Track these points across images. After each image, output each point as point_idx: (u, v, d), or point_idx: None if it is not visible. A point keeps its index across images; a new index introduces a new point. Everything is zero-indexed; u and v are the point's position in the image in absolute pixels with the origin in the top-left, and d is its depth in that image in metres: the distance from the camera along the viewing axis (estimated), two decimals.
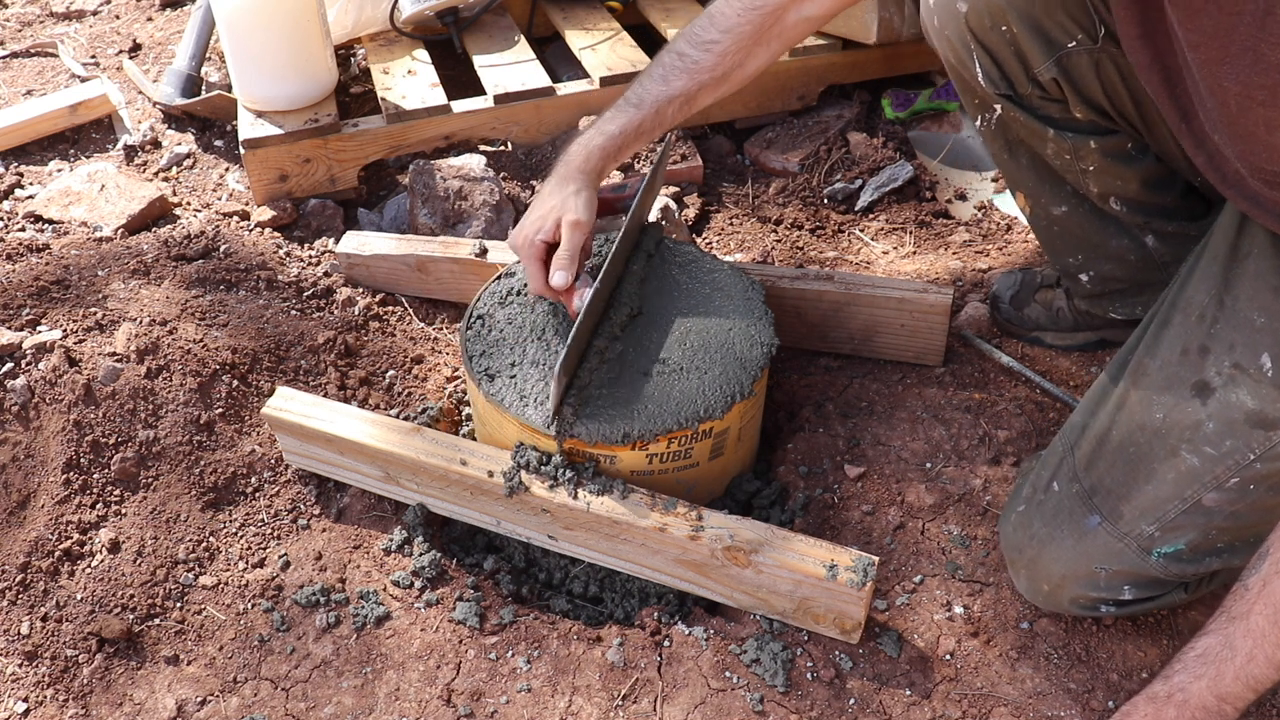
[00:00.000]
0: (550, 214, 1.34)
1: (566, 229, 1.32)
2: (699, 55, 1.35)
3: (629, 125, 1.38)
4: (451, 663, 1.29)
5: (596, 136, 1.39)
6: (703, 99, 1.39)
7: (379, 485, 1.45)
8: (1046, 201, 1.50)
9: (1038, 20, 1.27)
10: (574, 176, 1.37)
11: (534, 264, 1.33)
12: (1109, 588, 1.18)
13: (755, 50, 1.34)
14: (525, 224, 1.36)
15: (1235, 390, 1.07)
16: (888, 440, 1.53)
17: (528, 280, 1.36)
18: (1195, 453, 1.09)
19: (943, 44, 1.39)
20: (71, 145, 2.33)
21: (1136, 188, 1.42)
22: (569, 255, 1.31)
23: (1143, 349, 1.18)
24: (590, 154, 1.38)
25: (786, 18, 1.32)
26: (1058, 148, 1.40)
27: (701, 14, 1.36)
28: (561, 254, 1.32)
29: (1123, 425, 1.16)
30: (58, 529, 1.38)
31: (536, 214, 1.35)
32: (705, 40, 1.34)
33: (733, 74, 1.36)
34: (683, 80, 1.36)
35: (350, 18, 2.30)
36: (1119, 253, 1.51)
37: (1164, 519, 1.12)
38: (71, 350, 1.50)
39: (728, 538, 1.23)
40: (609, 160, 1.40)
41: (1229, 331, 1.09)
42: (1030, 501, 1.24)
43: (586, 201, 1.35)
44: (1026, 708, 1.21)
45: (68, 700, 1.26)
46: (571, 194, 1.34)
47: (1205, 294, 1.13)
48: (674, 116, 1.39)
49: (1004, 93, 1.36)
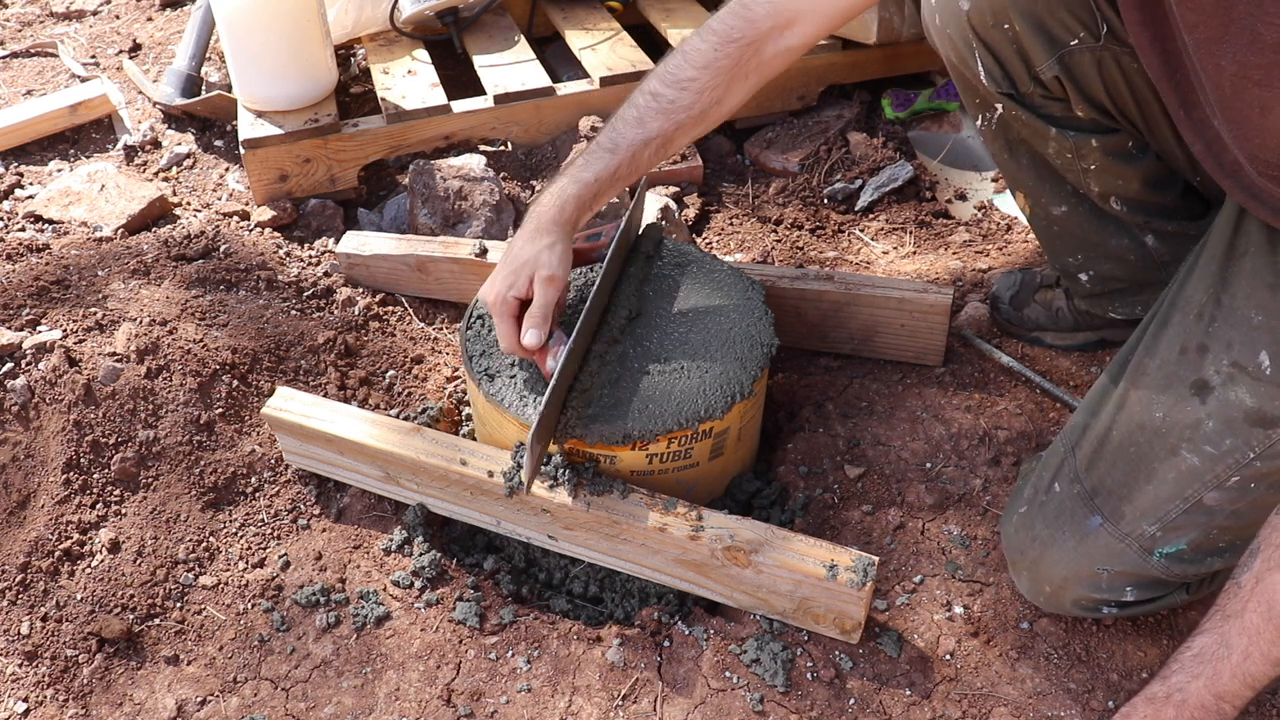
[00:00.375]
0: (523, 269, 1.28)
1: (540, 285, 1.26)
2: (675, 94, 1.29)
3: (604, 172, 1.32)
4: (451, 663, 1.29)
5: (570, 185, 1.33)
6: (680, 140, 1.33)
7: (379, 485, 1.45)
8: (1047, 201, 1.50)
9: (1040, 18, 1.27)
10: (548, 229, 1.30)
11: (506, 321, 1.28)
12: (1111, 589, 1.18)
13: (733, 86, 1.29)
14: (496, 279, 1.30)
15: (1234, 388, 1.07)
16: (888, 440, 1.53)
17: (499, 338, 1.30)
18: (1195, 452, 1.09)
19: (944, 43, 1.39)
20: (71, 145, 2.33)
21: (1137, 187, 1.42)
22: (542, 313, 1.26)
23: (1142, 349, 1.18)
24: (565, 204, 1.32)
25: (765, 50, 1.28)
26: (1059, 146, 1.40)
27: (672, 52, 1.31)
28: (534, 311, 1.26)
29: (1123, 425, 1.16)
30: (58, 529, 1.38)
31: (509, 269, 1.29)
32: (682, 79, 1.29)
33: (710, 111, 1.31)
34: (659, 121, 1.30)
35: (350, 18, 2.31)
36: (1119, 252, 1.51)
37: (1165, 519, 1.12)
38: (71, 350, 1.50)
39: (728, 538, 1.23)
40: (584, 210, 1.34)
41: (1227, 330, 1.09)
42: (1032, 503, 1.24)
43: (561, 255, 1.29)
44: (1026, 708, 1.21)
45: (68, 700, 1.26)
46: (545, 248, 1.28)
47: (1203, 293, 1.13)
48: (650, 160, 1.34)
49: (1006, 91, 1.36)
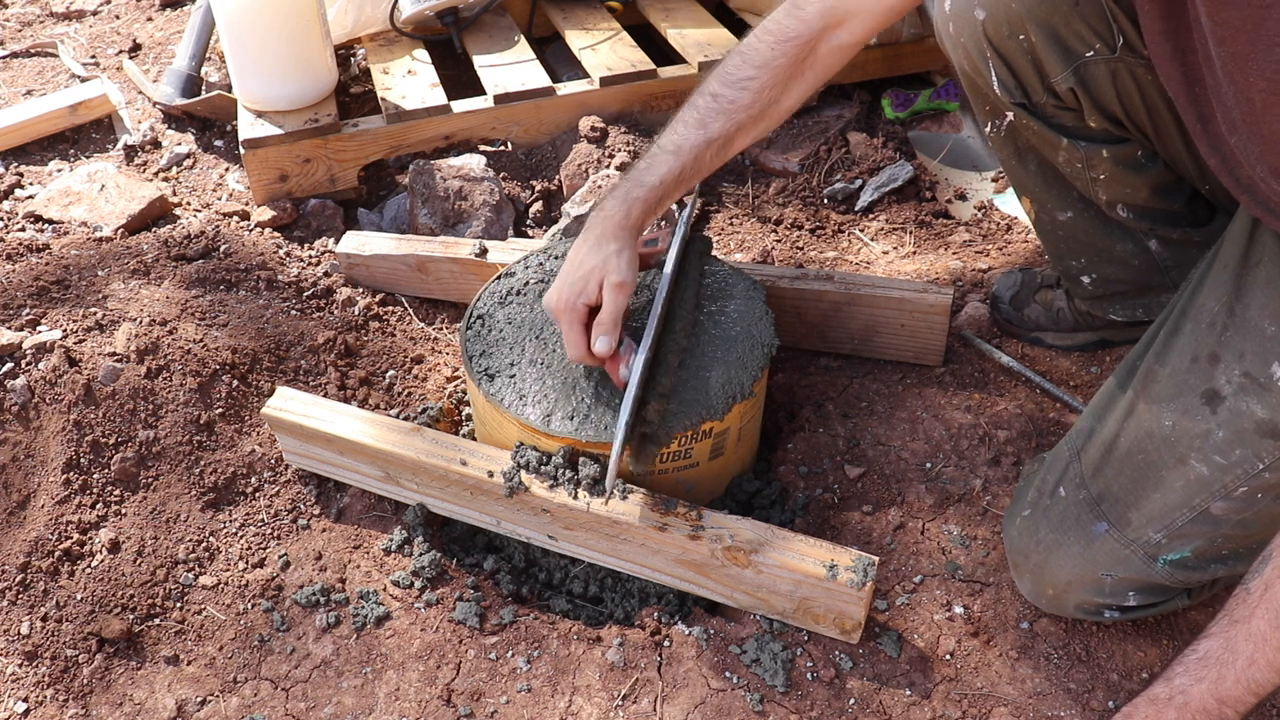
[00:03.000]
0: (592, 275, 1.26)
1: (610, 292, 1.25)
2: (735, 94, 1.30)
3: (669, 175, 1.32)
4: (451, 663, 1.29)
5: (635, 189, 1.32)
6: (740, 140, 1.34)
7: (379, 485, 1.45)
8: (1053, 207, 1.50)
9: (1056, 29, 1.26)
10: (615, 234, 1.29)
11: (576, 329, 1.27)
12: (1114, 594, 1.18)
13: (791, 85, 1.30)
14: (564, 286, 1.29)
15: (1245, 399, 1.07)
16: (888, 440, 1.53)
17: (567, 346, 1.29)
18: (1204, 461, 1.09)
19: (958, 52, 1.38)
20: (71, 145, 2.33)
21: (1146, 195, 1.41)
22: (612, 320, 1.25)
23: (1152, 356, 1.17)
24: (630, 208, 1.31)
25: (819, 48, 1.28)
26: (1070, 156, 1.39)
27: (730, 54, 1.33)
28: (604, 319, 1.25)
29: (1131, 432, 1.16)
30: (58, 529, 1.38)
31: (576, 274, 1.28)
32: (740, 78, 1.30)
33: (769, 111, 1.32)
34: (720, 122, 1.31)
35: (350, 18, 2.31)
36: (1123, 257, 1.51)
37: (1171, 527, 1.12)
38: (71, 350, 1.50)
39: (728, 538, 1.23)
40: (649, 213, 1.33)
41: (1239, 340, 1.09)
42: (1036, 506, 1.24)
43: (629, 262, 1.28)
44: (1026, 708, 1.21)
45: (68, 700, 1.26)
46: (613, 254, 1.27)
47: (1216, 302, 1.12)
48: (712, 161, 1.34)
49: (1019, 101, 1.36)
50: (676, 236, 1.45)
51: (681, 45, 2.27)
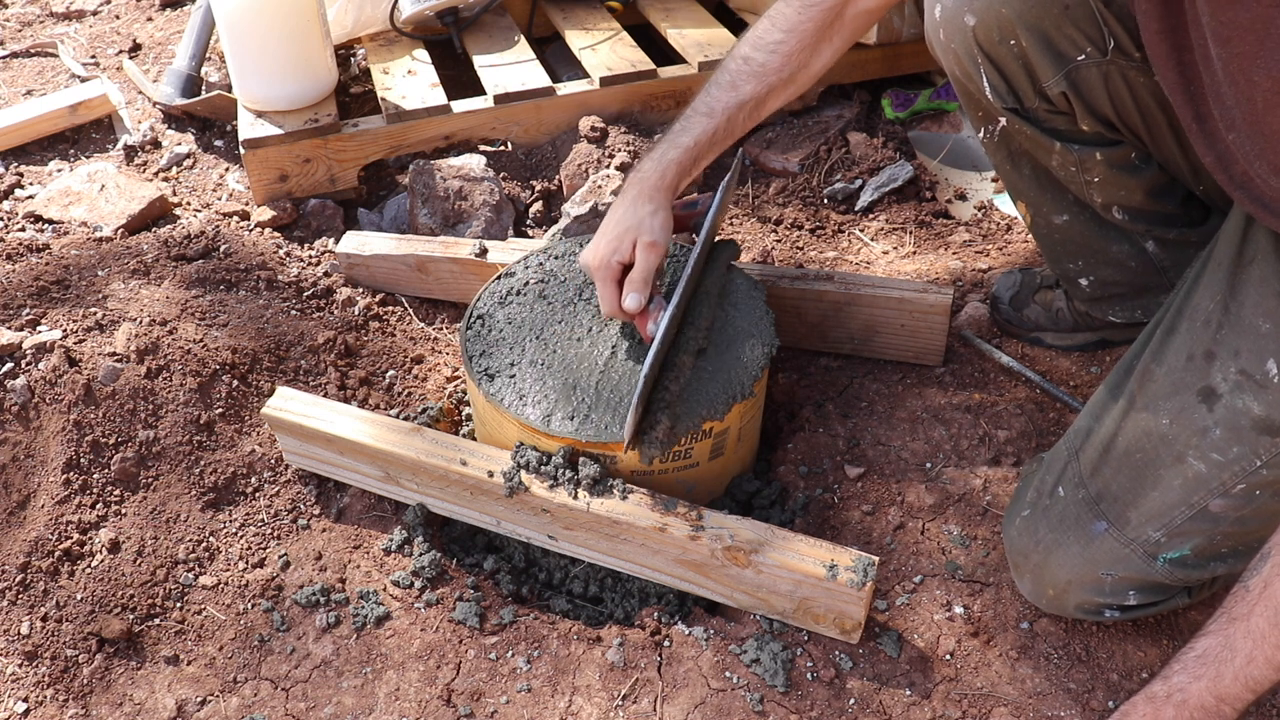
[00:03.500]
0: (626, 235, 1.31)
1: (642, 251, 1.30)
2: (765, 58, 1.34)
3: (702, 136, 1.36)
4: (451, 663, 1.29)
5: (670, 150, 1.36)
6: (772, 103, 1.38)
7: (379, 485, 1.45)
8: (1048, 210, 1.50)
9: (1047, 34, 1.26)
10: (650, 195, 1.34)
11: (609, 285, 1.32)
12: (1114, 593, 1.18)
13: (819, 48, 1.35)
14: (599, 244, 1.33)
15: (1242, 396, 1.07)
16: (888, 440, 1.53)
17: (601, 301, 1.33)
18: (1202, 459, 1.09)
19: (949, 58, 1.38)
20: (71, 145, 2.33)
21: (1140, 197, 1.42)
22: (643, 278, 1.30)
23: (1148, 355, 1.18)
24: (665, 170, 1.35)
25: (846, 12, 1.33)
26: (1063, 159, 1.39)
27: (761, 19, 1.36)
28: (635, 276, 1.30)
29: (1129, 431, 1.16)
30: (58, 529, 1.38)
31: (611, 234, 1.33)
32: (770, 42, 1.34)
33: (799, 75, 1.36)
34: (752, 84, 1.35)
35: (350, 18, 2.31)
36: (1119, 259, 1.51)
37: (1170, 525, 1.12)
38: (71, 350, 1.50)
39: (728, 538, 1.23)
40: (684, 175, 1.37)
41: (1235, 338, 1.09)
42: (1035, 506, 1.24)
43: (663, 222, 1.33)
44: (1026, 708, 1.21)
45: (68, 700, 1.26)
46: (648, 214, 1.32)
47: (1211, 300, 1.13)
48: (744, 123, 1.38)
49: (1010, 106, 1.36)
50: (716, 199, 1.48)
51: (681, 45, 2.27)
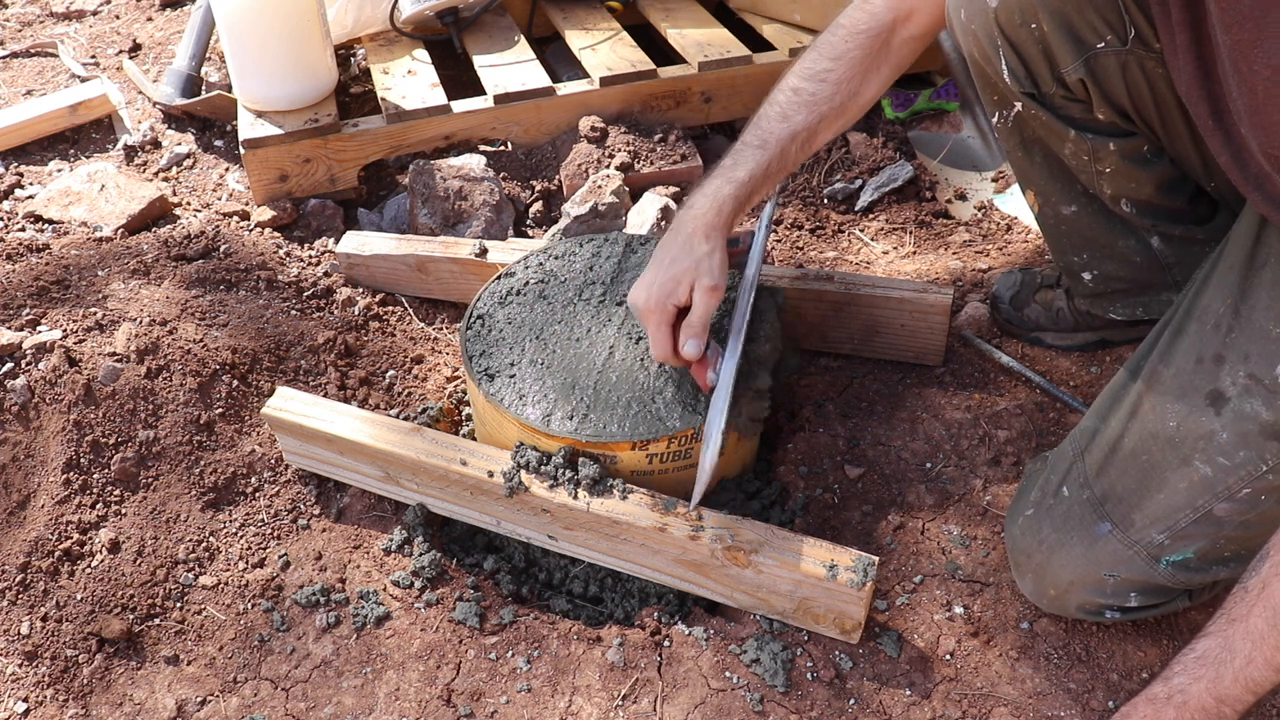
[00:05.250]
0: (684, 277, 1.25)
1: (702, 295, 1.24)
2: (815, 87, 1.32)
3: (757, 169, 1.31)
4: (451, 663, 1.29)
5: (725, 185, 1.31)
6: (823, 134, 1.34)
7: (379, 485, 1.45)
8: (1057, 200, 1.50)
9: (1069, 19, 1.25)
10: (705, 232, 1.28)
11: (664, 330, 1.26)
12: (1116, 594, 1.18)
13: (868, 77, 1.33)
14: (654, 284, 1.27)
15: (1250, 401, 1.07)
16: (888, 440, 1.53)
17: (653, 346, 1.27)
18: (1208, 463, 1.09)
19: (968, 38, 1.37)
20: (71, 145, 2.33)
21: (1150, 190, 1.41)
22: (702, 324, 1.24)
23: (1156, 355, 1.17)
24: (722, 206, 1.29)
25: (892, 41, 1.32)
26: (1076, 148, 1.39)
27: (806, 50, 1.35)
28: (695, 323, 1.24)
29: (1135, 433, 1.16)
30: (58, 529, 1.38)
31: (668, 274, 1.26)
32: (818, 70, 1.32)
33: (849, 104, 1.33)
34: (803, 114, 1.32)
35: (350, 18, 2.31)
36: (1124, 254, 1.50)
37: (1174, 528, 1.12)
38: (71, 350, 1.50)
39: (728, 538, 1.23)
40: (739, 210, 1.31)
41: (1245, 341, 1.09)
42: (1039, 506, 1.24)
43: (720, 264, 1.26)
44: (1026, 708, 1.21)
45: (68, 700, 1.26)
46: (705, 255, 1.26)
47: (1221, 303, 1.12)
48: (797, 155, 1.34)
49: (1028, 91, 1.35)
50: (759, 237, 1.43)
51: (681, 45, 2.27)
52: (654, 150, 2.11)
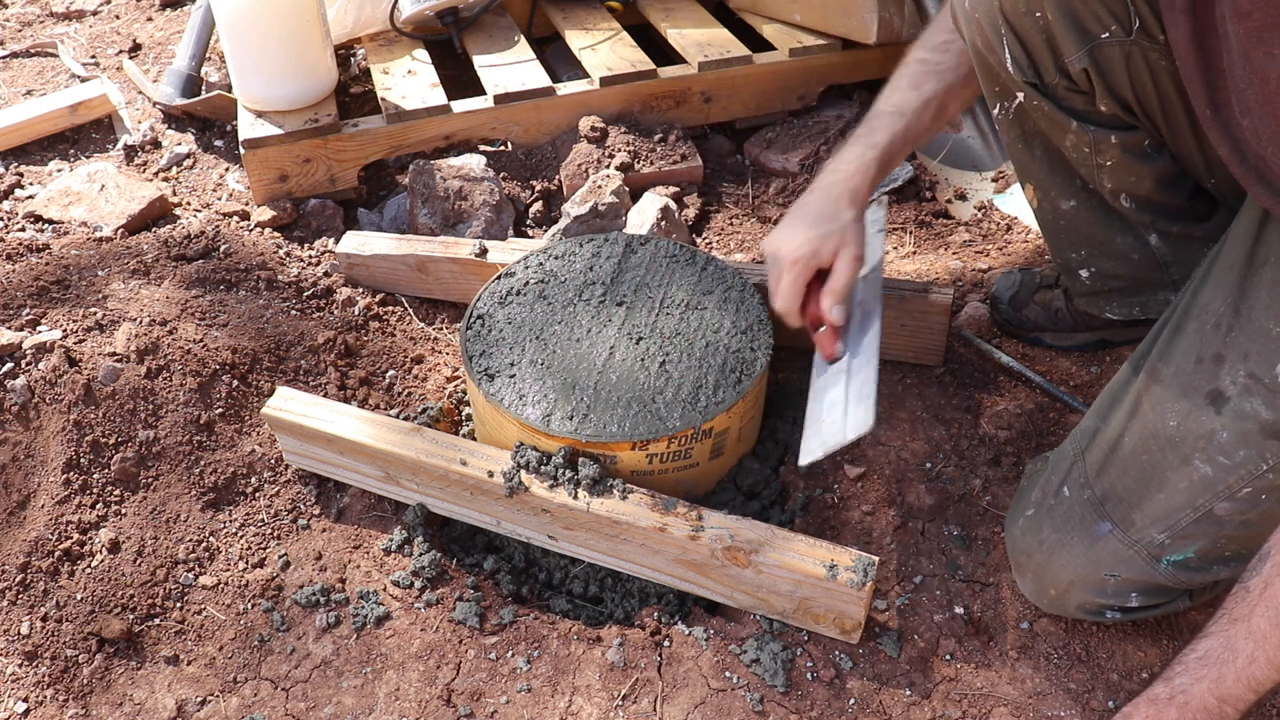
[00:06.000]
0: (829, 237, 1.28)
1: (846, 262, 1.27)
2: (939, 57, 1.35)
3: (896, 135, 1.34)
4: (451, 663, 1.29)
5: (868, 151, 1.33)
6: (951, 104, 1.38)
7: (379, 485, 1.45)
8: (1056, 195, 1.49)
9: (1074, 8, 1.25)
10: (851, 197, 1.31)
11: (799, 285, 1.28)
12: (1116, 594, 1.18)
13: None
14: (801, 240, 1.28)
15: (1250, 400, 1.07)
16: (888, 440, 1.53)
17: (781, 295, 1.29)
18: (1208, 462, 1.09)
19: (971, 27, 1.37)
20: (71, 145, 2.33)
21: (1150, 185, 1.41)
22: (845, 290, 1.27)
23: (1156, 354, 1.17)
24: (867, 169, 1.32)
25: None
26: (1078, 140, 1.38)
27: (929, 25, 1.39)
28: (839, 288, 1.27)
29: (1135, 432, 1.16)
30: (58, 529, 1.38)
31: (816, 232, 1.28)
32: (940, 43, 1.35)
33: (973, 75, 1.37)
34: (932, 83, 1.36)
35: (350, 18, 2.30)
36: (1122, 250, 1.50)
37: (1175, 527, 1.12)
38: (71, 350, 1.50)
39: (728, 538, 1.23)
40: (881, 174, 1.35)
41: (1245, 341, 1.09)
42: (1040, 506, 1.24)
43: (861, 232, 1.30)
44: (1026, 708, 1.21)
45: (68, 700, 1.26)
46: (851, 222, 1.30)
47: (1221, 302, 1.12)
48: (928, 123, 1.37)
49: (1030, 81, 1.35)
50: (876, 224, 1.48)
51: (681, 45, 2.27)
52: (654, 150, 2.11)
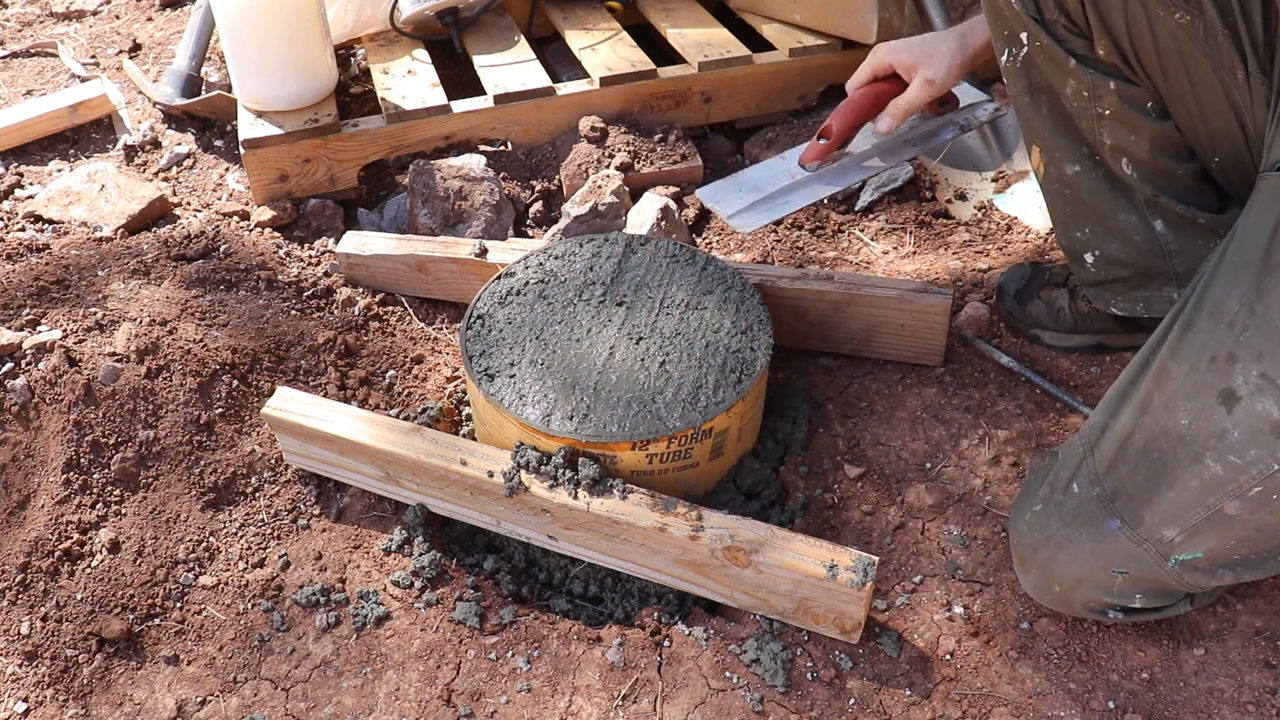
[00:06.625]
0: (921, 56, 1.37)
1: (921, 85, 1.35)
2: None
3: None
4: (451, 663, 1.29)
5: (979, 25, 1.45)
6: None
7: (379, 485, 1.45)
8: (1061, 158, 1.48)
9: None
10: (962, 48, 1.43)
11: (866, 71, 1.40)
12: (1121, 593, 1.18)
13: None
14: (898, 44, 1.39)
15: (1262, 400, 1.06)
16: (888, 440, 1.53)
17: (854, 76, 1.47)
18: (1219, 461, 1.09)
19: None
20: (71, 145, 2.33)
21: (1148, 148, 1.40)
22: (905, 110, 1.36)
23: (1166, 351, 1.17)
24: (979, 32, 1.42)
25: None
26: (1078, 84, 1.37)
27: None
28: (901, 106, 1.37)
29: (1146, 429, 1.15)
30: (58, 529, 1.38)
31: (917, 43, 1.41)
32: None
33: None
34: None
35: (350, 18, 2.31)
36: (1126, 230, 1.48)
37: (1185, 526, 1.12)
38: (71, 350, 1.50)
39: (728, 538, 1.23)
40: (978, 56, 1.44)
41: (1258, 340, 1.08)
42: (1048, 501, 1.24)
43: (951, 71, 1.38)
44: (1026, 708, 1.21)
45: (68, 700, 1.26)
46: (948, 54, 1.38)
47: (1235, 301, 1.12)
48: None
49: (1032, 15, 1.36)
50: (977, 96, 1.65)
51: (681, 45, 2.27)
52: (654, 150, 2.11)
